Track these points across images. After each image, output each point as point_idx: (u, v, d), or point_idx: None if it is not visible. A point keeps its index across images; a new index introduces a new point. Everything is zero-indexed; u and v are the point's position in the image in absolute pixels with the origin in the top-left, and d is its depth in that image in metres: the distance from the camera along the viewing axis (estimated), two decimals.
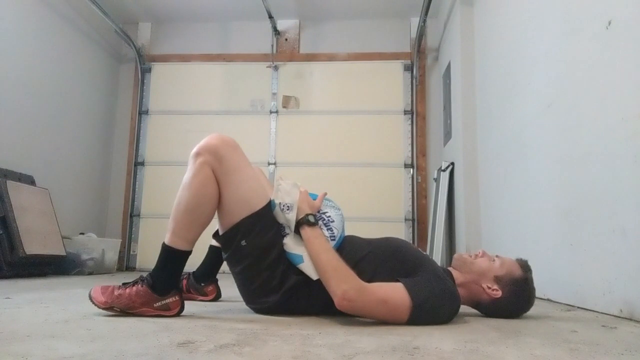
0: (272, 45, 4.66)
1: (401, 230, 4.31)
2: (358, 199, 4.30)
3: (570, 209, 1.91)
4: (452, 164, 3.66)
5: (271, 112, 4.61)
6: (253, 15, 4.54)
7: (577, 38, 1.87)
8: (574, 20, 1.91)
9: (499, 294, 1.41)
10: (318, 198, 1.53)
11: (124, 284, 1.39)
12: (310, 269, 1.37)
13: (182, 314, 1.40)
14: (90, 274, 3.52)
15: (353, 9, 4.53)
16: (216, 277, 1.93)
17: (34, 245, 3.07)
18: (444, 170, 3.70)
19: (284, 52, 4.71)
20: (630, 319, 1.46)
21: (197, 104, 4.68)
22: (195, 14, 4.72)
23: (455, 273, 1.46)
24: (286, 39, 4.73)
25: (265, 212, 1.43)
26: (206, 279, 1.89)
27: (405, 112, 4.51)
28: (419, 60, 4.50)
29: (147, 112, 4.75)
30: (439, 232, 3.63)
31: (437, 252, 3.57)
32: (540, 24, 2.24)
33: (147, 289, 1.35)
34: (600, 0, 1.71)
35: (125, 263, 4.50)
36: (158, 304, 1.36)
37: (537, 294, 1.50)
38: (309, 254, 1.38)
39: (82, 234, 3.85)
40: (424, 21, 4.06)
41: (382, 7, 4.48)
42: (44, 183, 3.59)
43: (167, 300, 1.37)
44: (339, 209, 1.56)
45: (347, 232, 1.56)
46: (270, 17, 4.43)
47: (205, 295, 1.88)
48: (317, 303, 1.41)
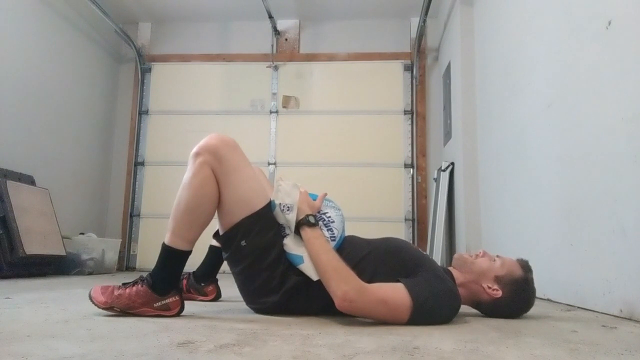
0: (272, 45, 4.66)
1: (401, 230, 4.31)
2: (358, 199, 4.30)
3: (570, 209, 1.91)
4: (452, 164, 3.66)
5: (271, 112, 4.61)
6: (253, 15, 4.54)
7: (577, 38, 1.87)
8: (574, 20, 1.91)
9: (500, 293, 1.41)
10: (318, 198, 1.53)
11: (123, 284, 1.39)
12: (310, 269, 1.37)
13: (182, 314, 1.40)
14: (90, 274, 3.52)
15: (353, 9, 4.53)
16: (216, 277, 1.93)
17: (34, 245, 3.07)
18: (444, 170, 3.70)
19: (284, 52, 4.71)
20: (630, 319, 1.46)
21: (197, 104, 4.68)
22: (195, 14, 4.72)
23: (455, 273, 1.46)
24: (286, 39, 4.73)
25: (265, 212, 1.43)
26: (206, 279, 1.89)
27: (405, 112, 4.51)
28: (419, 60, 4.50)
29: (147, 112, 4.75)
30: (439, 232, 3.63)
31: (437, 252, 3.57)
32: (540, 24, 2.25)
33: (147, 289, 1.36)
34: (600, 0, 1.71)
35: (125, 263, 4.50)
36: (158, 304, 1.36)
37: (537, 294, 1.50)
38: (309, 255, 1.37)
39: (82, 234, 3.85)
40: (424, 21, 4.06)
41: (382, 7, 4.48)
42: (44, 183, 3.59)
43: (167, 300, 1.37)
44: (339, 210, 1.56)
45: (347, 232, 1.56)
46: (270, 17, 4.43)
47: (205, 295, 1.88)
48: (317, 304, 1.41)
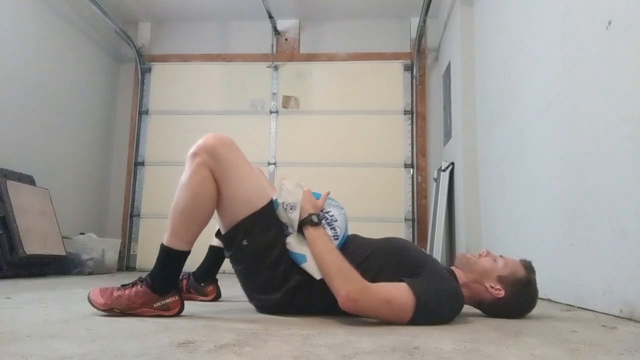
0: (272, 45, 4.66)
1: (401, 230, 4.31)
2: (358, 199, 4.30)
3: (570, 209, 1.91)
4: (452, 164, 3.66)
5: (271, 112, 4.61)
6: (253, 15, 4.54)
7: (577, 38, 1.87)
8: (574, 20, 1.91)
9: (502, 293, 1.41)
10: (321, 197, 1.53)
11: (123, 286, 1.39)
12: (313, 268, 1.37)
13: (182, 314, 1.40)
14: (90, 274, 3.52)
15: (353, 9, 4.53)
16: (216, 277, 1.93)
17: (34, 245, 3.07)
18: (444, 170, 3.70)
19: (284, 52, 4.70)
20: (630, 319, 1.46)
21: (197, 104, 4.68)
22: (195, 14, 4.72)
23: (458, 273, 1.46)
24: (286, 39, 4.73)
25: (266, 211, 1.43)
26: (206, 279, 1.89)
27: (405, 112, 4.51)
28: (419, 60, 4.50)
29: (147, 112, 4.75)
30: (439, 232, 3.63)
31: (437, 252, 3.57)
32: (540, 24, 2.24)
33: (146, 289, 1.35)
34: (600, 0, 1.70)
35: (125, 263, 4.50)
36: (158, 304, 1.36)
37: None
38: (312, 254, 1.37)
39: (82, 234, 3.85)
40: (424, 21, 4.06)
41: (382, 7, 4.48)
42: (44, 183, 3.59)
43: (167, 300, 1.37)
44: (342, 208, 1.56)
45: (348, 232, 1.56)
46: (270, 17, 4.43)
47: (205, 295, 1.88)
48: (319, 302, 1.41)
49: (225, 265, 1.90)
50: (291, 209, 1.43)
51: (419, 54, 4.47)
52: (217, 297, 1.90)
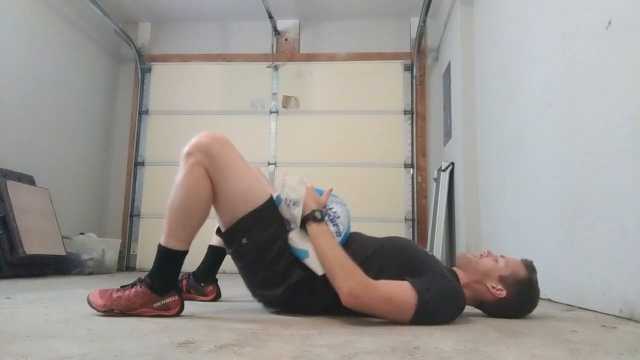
0: (272, 45, 4.66)
1: (401, 230, 4.31)
2: (358, 199, 4.29)
3: (570, 209, 1.91)
4: (452, 164, 3.66)
5: (271, 112, 4.61)
6: (253, 15, 4.54)
7: (577, 38, 1.87)
8: (574, 20, 1.91)
9: (504, 293, 1.41)
10: (324, 194, 1.53)
11: (122, 287, 1.39)
12: (315, 264, 1.37)
13: (182, 314, 1.40)
14: (90, 274, 3.52)
15: (353, 9, 4.53)
16: (216, 277, 1.93)
17: (34, 245, 3.07)
18: (444, 170, 3.70)
19: (284, 52, 4.70)
20: (630, 319, 1.46)
21: (197, 104, 4.68)
22: (195, 14, 4.72)
23: (459, 273, 1.46)
24: (286, 39, 4.73)
25: (265, 208, 1.43)
26: (206, 279, 1.89)
27: (405, 112, 4.51)
28: (419, 60, 4.50)
29: (147, 112, 4.75)
30: (439, 232, 3.63)
31: (437, 252, 3.57)
32: (540, 24, 2.24)
33: (146, 289, 1.35)
34: (600, 1, 1.70)
35: (126, 263, 4.50)
36: (158, 304, 1.36)
37: None
38: (315, 250, 1.37)
39: (82, 234, 3.85)
40: (424, 21, 4.06)
41: (382, 7, 4.48)
42: (44, 183, 3.59)
43: (167, 300, 1.37)
44: (344, 205, 1.56)
45: (351, 229, 1.56)
46: (270, 17, 4.43)
47: (205, 295, 1.88)
48: (321, 299, 1.41)
49: (225, 265, 1.90)
50: (294, 205, 1.43)
51: (419, 54, 4.47)
52: (217, 297, 1.90)
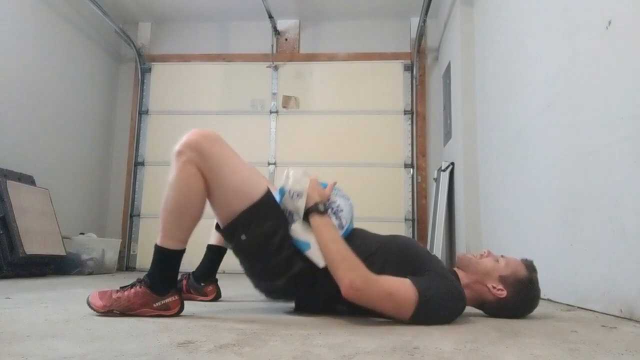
0: (272, 45, 4.66)
1: (401, 231, 4.31)
2: (358, 199, 4.22)
3: (570, 209, 1.91)
4: (452, 164, 3.66)
5: (271, 112, 4.61)
6: (253, 15, 4.54)
7: (577, 38, 1.87)
8: (573, 20, 1.91)
9: (504, 293, 1.41)
10: (328, 187, 1.54)
11: (122, 288, 1.39)
12: (317, 256, 1.37)
13: (182, 314, 1.40)
14: (90, 274, 3.52)
15: (353, 9, 4.53)
16: (216, 277, 1.93)
17: (34, 245, 3.07)
18: (444, 170, 3.70)
19: (284, 52, 4.70)
20: (630, 319, 1.46)
21: (197, 104, 4.68)
22: (195, 14, 4.72)
23: (460, 274, 1.46)
24: (286, 39, 4.73)
25: (262, 202, 1.42)
26: (206, 279, 1.89)
27: (405, 112, 4.51)
28: (419, 60, 4.50)
29: (147, 112, 4.75)
30: (439, 232, 3.63)
31: (437, 252, 3.57)
32: (540, 24, 2.24)
33: (145, 289, 1.35)
34: (600, 0, 1.70)
35: (126, 263, 4.50)
36: (157, 303, 1.36)
37: None
38: (317, 242, 1.38)
39: (82, 234, 3.85)
40: (424, 21, 4.06)
41: (382, 7, 4.48)
42: (44, 183, 3.59)
43: (167, 300, 1.37)
44: (348, 199, 1.57)
45: (354, 224, 1.56)
46: (270, 17, 4.43)
47: (205, 295, 1.88)
48: (323, 292, 1.40)
49: (225, 266, 1.90)
50: (298, 197, 1.43)
51: (419, 54, 4.47)
52: (217, 297, 1.90)
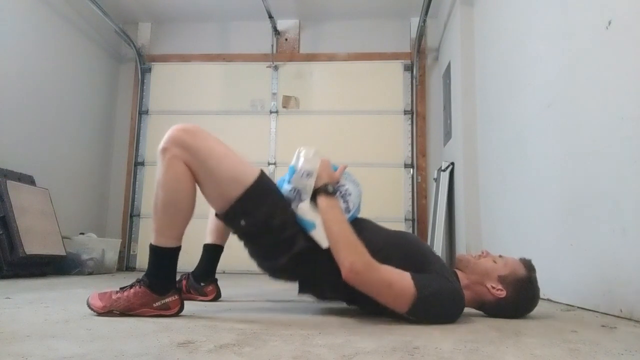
0: (272, 45, 4.66)
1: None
2: None
3: (570, 209, 1.91)
4: (452, 164, 3.66)
5: (271, 112, 4.61)
6: (253, 15, 4.54)
7: (577, 38, 1.87)
8: (573, 20, 1.91)
9: (504, 293, 1.41)
10: (338, 170, 1.54)
11: (121, 289, 1.39)
12: (321, 237, 1.37)
13: (182, 314, 1.40)
14: (90, 274, 3.51)
15: (353, 9, 4.53)
16: (215, 277, 1.93)
17: (34, 245, 3.07)
18: (444, 170, 3.70)
19: (284, 52, 4.70)
20: (630, 319, 1.46)
21: (197, 104, 4.68)
22: (195, 14, 4.72)
23: (460, 275, 1.46)
24: (286, 39, 4.73)
25: (256, 186, 1.42)
26: (205, 279, 1.89)
27: (405, 112, 4.51)
28: (419, 60, 4.50)
29: (147, 112, 4.75)
30: (439, 232, 3.63)
31: (437, 252, 3.57)
32: (540, 24, 2.24)
33: (145, 289, 1.35)
34: (600, 1, 1.70)
35: (126, 263, 4.50)
36: (157, 303, 1.36)
37: None
38: (323, 223, 1.38)
39: (82, 234, 3.85)
40: (424, 21, 4.06)
41: (382, 7, 4.48)
42: (44, 183, 3.59)
43: (167, 300, 1.37)
44: (358, 185, 1.57)
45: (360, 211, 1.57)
46: (270, 17, 4.43)
47: (205, 295, 1.88)
48: (324, 273, 1.40)
49: (225, 265, 1.90)
50: (307, 176, 1.43)
51: (419, 54, 4.47)
52: (217, 297, 1.90)
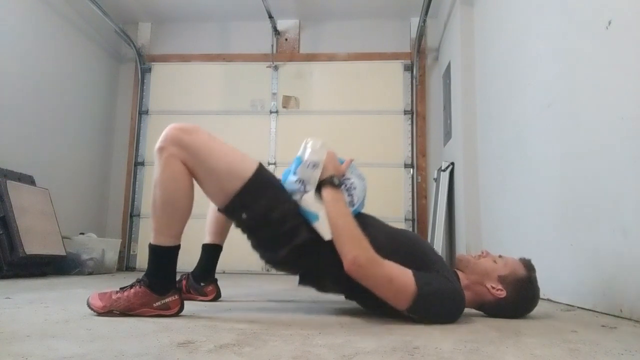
0: (272, 45, 4.66)
1: None
2: None
3: (570, 208, 1.91)
4: (452, 164, 3.66)
5: (271, 112, 4.61)
6: (253, 15, 4.54)
7: (577, 38, 1.87)
8: (574, 20, 1.91)
9: (504, 293, 1.41)
10: (345, 163, 1.54)
11: (121, 289, 1.39)
12: (324, 229, 1.37)
13: (182, 314, 1.40)
14: (90, 274, 3.51)
15: (353, 9, 4.53)
16: (215, 277, 1.93)
17: (34, 245, 3.07)
18: (444, 170, 3.70)
19: (284, 52, 4.70)
20: (630, 319, 1.46)
21: (197, 104, 4.68)
22: (195, 14, 4.72)
23: (461, 275, 1.46)
24: (286, 39, 4.73)
25: (254, 180, 1.42)
26: (205, 279, 1.89)
27: (405, 112, 4.51)
28: (419, 60, 4.50)
29: (147, 112, 4.75)
30: (439, 232, 3.63)
31: (437, 252, 3.57)
32: (540, 24, 2.24)
33: (145, 289, 1.35)
34: (600, 1, 1.70)
35: (126, 263, 4.50)
36: (157, 303, 1.36)
37: None
38: (327, 215, 1.38)
39: (82, 234, 3.85)
40: (424, 21, 4.06)
41: (382, 7, 4.48)
42: (44, 183, 3.59)
43: (167, 300, 1.37)
44: (363, 179, 1.57)
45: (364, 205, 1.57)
46: (270, 17, 4.43)
47: (205, 295, 1.88)
48: (326, 265, 1.40)
49: (225, 266, 1.90)
50: (313, 167, 1.43)
51: (419, 54, 4.47)
52: (217, 297, 1.90)
